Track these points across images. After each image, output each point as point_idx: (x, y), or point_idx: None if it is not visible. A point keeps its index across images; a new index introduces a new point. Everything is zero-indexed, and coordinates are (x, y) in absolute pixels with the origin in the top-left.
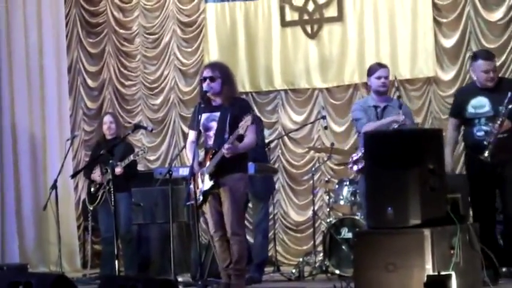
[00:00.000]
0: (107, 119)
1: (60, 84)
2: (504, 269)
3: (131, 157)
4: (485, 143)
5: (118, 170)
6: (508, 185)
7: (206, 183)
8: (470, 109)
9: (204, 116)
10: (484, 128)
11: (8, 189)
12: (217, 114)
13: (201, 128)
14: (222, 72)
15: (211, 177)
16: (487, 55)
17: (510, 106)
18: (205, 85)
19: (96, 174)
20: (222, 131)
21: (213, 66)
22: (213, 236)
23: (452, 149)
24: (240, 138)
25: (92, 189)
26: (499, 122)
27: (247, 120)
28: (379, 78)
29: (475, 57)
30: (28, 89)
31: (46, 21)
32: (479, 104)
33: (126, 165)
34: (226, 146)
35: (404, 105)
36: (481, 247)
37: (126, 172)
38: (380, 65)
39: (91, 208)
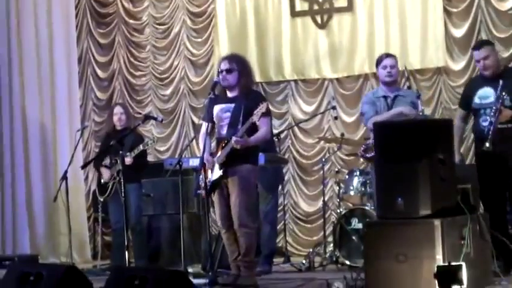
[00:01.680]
0: (118, 109)
1: (70, 74)
2: None
3: (140, 147)
4: (485, 132)
5: (128, 160)
6: None
7: (215, 173)
8: (476, 100)
9: (218, 107)
10: (489, 118)
11: (18, 180)
12: (232, 105)
13: (214, 118)
14: (239, 64)
15: (221, 166)
16: (476, 44)
17: (504, 95)
18: (221, 77)
19: (104, 172)
20: (236, 121)
21: (230, 58)
22: (220, 228)
23: (458, 139)
24: (253, 126)
25: (102, 181)
26: (493, 110)
27: (262, 107)
28: (384, 67)
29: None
30: (38, 80)
31: (56, 11)
32: (485, 95)
33: (136, 155)
34: (234, 138)
35: (413, 93)
36: (491, 237)
37: (136, 162)
38: (386, 55)
39: (101, 199)
